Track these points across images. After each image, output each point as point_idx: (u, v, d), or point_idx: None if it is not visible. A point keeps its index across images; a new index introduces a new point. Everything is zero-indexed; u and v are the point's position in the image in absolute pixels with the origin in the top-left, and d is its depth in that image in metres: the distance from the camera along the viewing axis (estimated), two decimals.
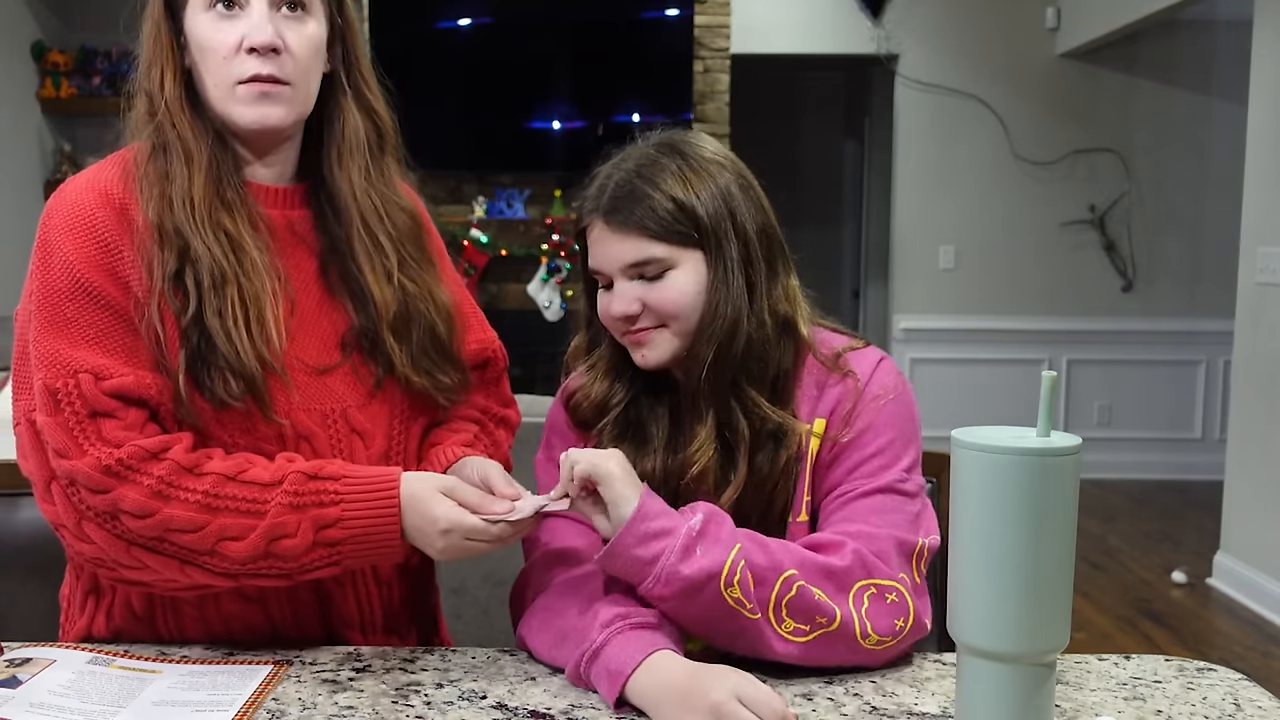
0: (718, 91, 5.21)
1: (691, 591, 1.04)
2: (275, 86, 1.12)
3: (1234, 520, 4.03)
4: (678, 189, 1.15)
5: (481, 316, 1.38)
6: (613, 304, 1.18)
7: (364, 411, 1.20)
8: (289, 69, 1.13)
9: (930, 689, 1.08)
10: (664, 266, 1.16)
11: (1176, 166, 5.69)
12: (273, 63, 1.12)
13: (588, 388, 1.24)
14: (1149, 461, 5.75)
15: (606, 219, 1.16)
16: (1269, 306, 3.81)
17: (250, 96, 1.12)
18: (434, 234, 1.33)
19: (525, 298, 5.07)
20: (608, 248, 1.17)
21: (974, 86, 5.59)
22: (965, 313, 5.69)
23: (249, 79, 1.12)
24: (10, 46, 5.11)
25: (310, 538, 1.06)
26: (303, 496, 1.07)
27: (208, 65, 1.13)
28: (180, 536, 1.05)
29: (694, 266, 1.16)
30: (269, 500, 1.06)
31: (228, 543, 1.06)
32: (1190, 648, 3.47)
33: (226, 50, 1.12)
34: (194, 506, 1.05)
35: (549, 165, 5.12)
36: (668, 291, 1.16)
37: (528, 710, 1.02)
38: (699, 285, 1.16)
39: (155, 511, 1.05)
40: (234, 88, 1.12)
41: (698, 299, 1.16)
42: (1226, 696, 1.07)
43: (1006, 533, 0.87)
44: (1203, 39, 5.58)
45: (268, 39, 1.11)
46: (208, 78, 1.14)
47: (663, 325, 1.17)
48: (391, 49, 4.98)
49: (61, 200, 1.13)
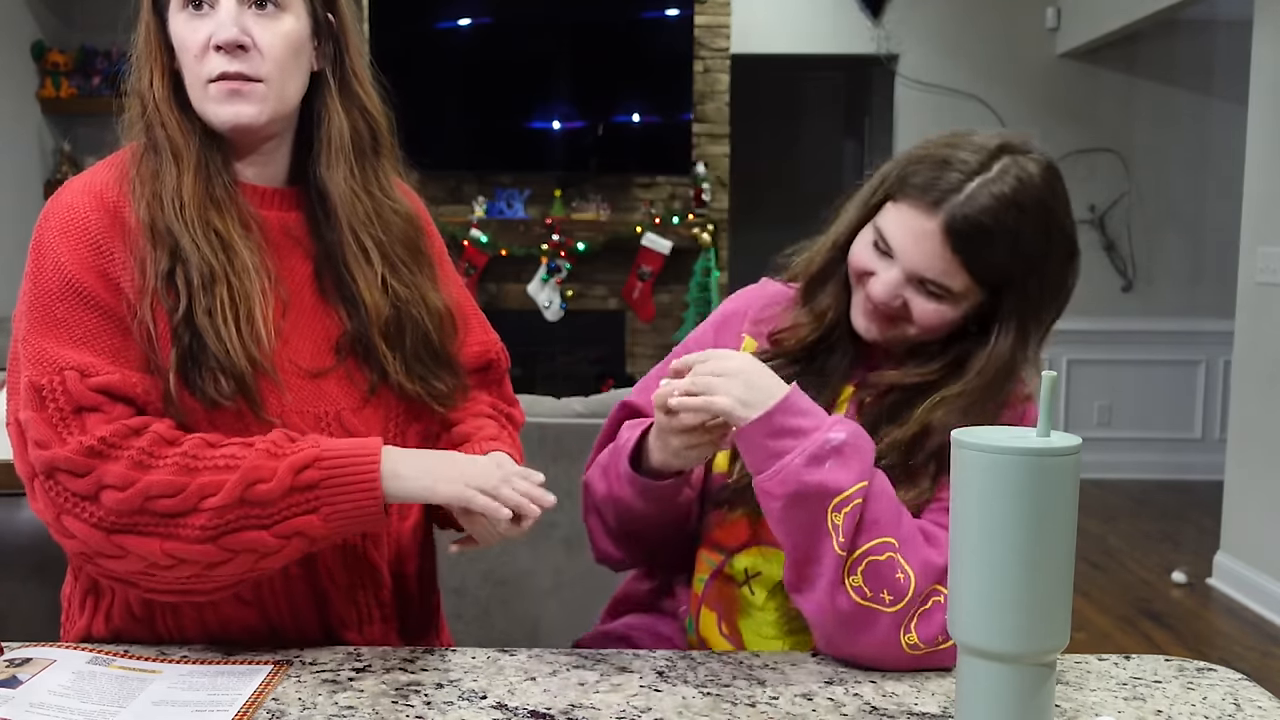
0: (718, 91, 5.21)
1: (800, 499, 1.05)
2: (245, 84, 1.11)
3: (1234, 520, 4.03)
4: (1023, 247, 1.11)
5: (483, 318, 1.38)
6: (877, 286, 1.15)
7: (358, 415, 1.19)
8: (259, 66, 1.12)
9: (930, 689, 1.08)
10: (948, 293, 1.14)
11: (1176, 166, 5.69)
12: (240, 60, 1.11)
13: (801, 330, 1.24)
14: (1149, 461, 5.75)
15: (946, 231, 1.10)
16: (1269, 306, 3.81)
17: (220, 95, 1.11)
18: (434, 236, 1.33)
19: (525, 298, 5.07)
20: (923, 247, 1.11)
21: (974, 86, 5.59)
22: None
23: (217, 77, 1.11)
24: (10, 46, 5.11)
25: (288, 481, 1.05)
26: (281, 447, 1.07)
27: (185, 64, 1.13)
28: (160, 502, 1.04)
29: (972, 302, 1.15)
30: (246, 456, 1.06)
31: (206, 499, 1.04)
32: (1190, 648, 3.47)
33: (197, 49, 1.11)
34: (173, 469, 1.04)
35: (549, 165, 5.13)
36: (929, 315, 1.14)
37: (528, 710, 1.02)
38: (964, 312, 1.15)
39: (135, 480, 1.04)
40: (206, 86, 1.12)
41: (950, 327, 1.16)
42: (1226, 696, 1.07)
43: (1006, 533, 0.87)
44: (1203, 39, 5.58)
45: (231, 36, 1.10)
46: (187, 77, 1.14)
47: (902, 319, 1.16)
48: (391, 49, 4.98)
49: (57, 203, 1.13)
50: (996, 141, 1.14)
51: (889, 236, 1.14)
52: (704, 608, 1.28)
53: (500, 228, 5.03)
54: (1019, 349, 1.16)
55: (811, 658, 1.16)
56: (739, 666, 1.13)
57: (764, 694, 1.06)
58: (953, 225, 1.10)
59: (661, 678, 1.09)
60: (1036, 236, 1.12)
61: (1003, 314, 1.15)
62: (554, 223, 5.03)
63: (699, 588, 1.29)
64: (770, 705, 1.03)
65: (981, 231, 1.09)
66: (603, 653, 1.16)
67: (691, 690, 1.06)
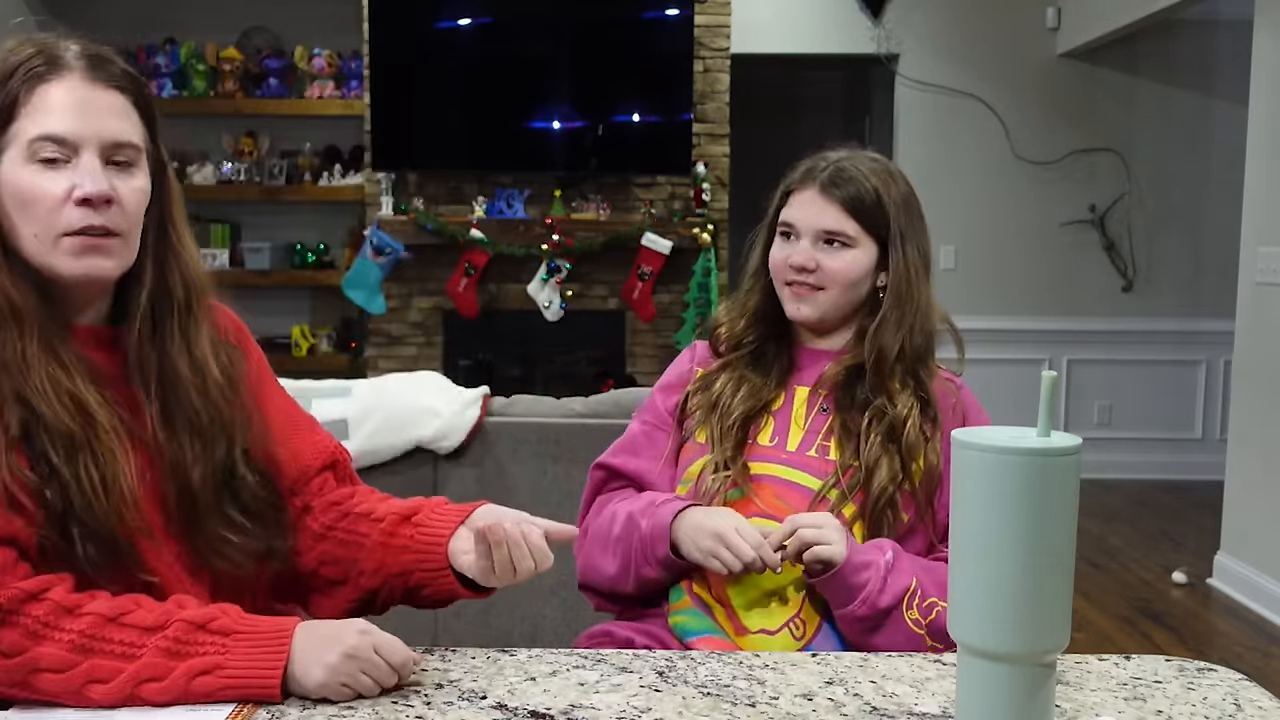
0: (718, 91, 5.20)
1: (883, 615, 1.31)
2: (106, 239, 1.08)
3: (1234, 520, 4.02)
4: (884, 194, 1.43)
5: (313, 420, 1.34)
6: (795, 254, 1.43)
7: None
8: (119, 221, 1.09)
9: (930, 689, 1.08)
10: (849, 240, 1.42)
11: (1176, 166, 5.68)
12: (104, 214, 1.07)
13: (732, 324, 1.52)
14: (1149, 461, 5.74)
15: (824, 189, 1.43)
16: (1269, 306, 3.81)
17: (76, 248, 1.07)
18: (250, 353, 1.28)
19: (525, 298, 5.07)
20: (814, 208, 1.44)
21: (974, 86, 5.59)
22: (965, 313, 5.62)
23: (77, 230, 1.07)
24: None
25: (180, 685, 1.00)
26: (183, 645, 1.01)
27: (29, 215, 1.07)
28: (44, 677, 0.99)
29: (869, 253, 1.44)
30: (145, 645, 1.01)
31: (94, 685, 1.00)
32: (1190, 648, 3.47)
33: (53, 201, 1.07)
34: (66, 646, 1.00)
35: (549, 165, 5.12)
36: (841, 266, 1.43)
37: (528, 710, 1.02)
38: (866, 269, 1.43)
39: (24, 650, 0.99)
40: (59, 239, 1.07)
41: (860, 280, 1.44)
42: (1227, 697, 1.07)
43: (1006, 533, 0.87)
44: (1203, 39, 5.57)
45: (103, 190, 1.07)
46: (26, 228, 1.08)
47: (820, 288, 1.43)
48: (391, 49, 4.98)
49: None
50: (851, 147, 1.50)
51: (790, 220, 1.46)
52: (695, 575, 1.39)
53: (500, 228, 5.03)
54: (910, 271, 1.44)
55: (811, 658, 1.16)
56: (739, 666, 1.13)
57: (764, 694, 1.06)
58: (827, 183, 1.44)
59: (661, 678, 1.09)
60: (890, 186, 1.44)
61: (891, 259, 1.44)
62: (554, 223, 5.02)
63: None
64: (770, 705, 1.03)
65: (849, 179, 1.43)
66: (603, 653, 1.16)
67: (691, 690, 1.06)
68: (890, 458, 1.38)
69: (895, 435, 1.40)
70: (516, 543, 1.11)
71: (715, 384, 1.47)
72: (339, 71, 5.35)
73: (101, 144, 1.08)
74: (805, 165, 1.47)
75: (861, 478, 1.38)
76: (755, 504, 1.39)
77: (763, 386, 1.45)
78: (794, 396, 1.46)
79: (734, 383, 1.45)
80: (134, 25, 5.30)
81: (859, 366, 1.44)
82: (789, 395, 1.46)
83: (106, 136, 1.09)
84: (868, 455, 1.38)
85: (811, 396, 1.45)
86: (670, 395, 1.53)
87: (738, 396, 1.43)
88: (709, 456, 1.42)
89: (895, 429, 1.40)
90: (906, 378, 1.43)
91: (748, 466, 1.41)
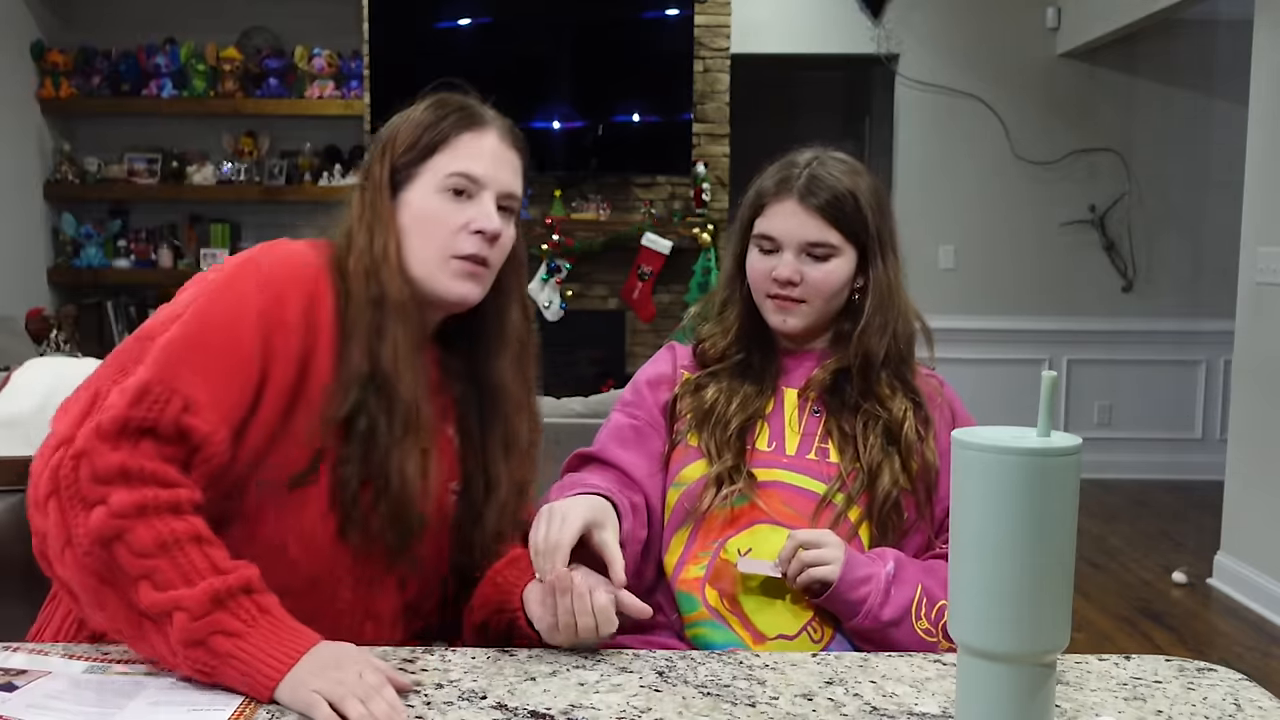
0: (718, 91, 5.21)
1: (890, 626, 1.31)
2: (482, 269, 1.25)
3: (1234, 520, 4.02)
4: (860, 198, 1.42)
5: None
6: (780, 268, 1.42)
7: None
8: (496, 256, 1.26)
9: (930, 689, 1.08)
10: (831, 250, 1.42)
11: (1176, 166, 5.69)
12: (489, 247, 1.24)
13: (716, 340, 1.50)
14: (1149, 461, 5.75)
15: (802, 199, 1.41)
16: (1269, 306, 3.81)
17: (461, 271, 1.23)
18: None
19: None
20: (795, 220, 1.42)
21: (974, 86, 5.59)
22: (965, 313, 5.68)
23: (467, 255, 1.23)
24: (10, 46, 5.11)
25: (203, 634, 1.02)
26: (229, 598, 1.03)
27: (427, 235, 1.23)
28: (122, 551, 1.02)
29: (849, 260, 1.44)
30: (204, 580, 1.03)
31: (145, 583, 1.02)
32: (1190, 648, 3.47)
33: (454, 227, 1.23)
34: (154, 538, 1.03)
35: (549, 165, 5.12)
36: (824, 278, 1.42)
37: (528, 710, 1.02)
38: (847, 276, 1.44)
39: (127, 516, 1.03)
40: (449, 260, 1.23)
41: (843, 288, 1.44)
42: (1227, 697, 1.07)
43: (1006, 533, 0.86)
44: (1203, 39, 5.58)
45: (497, 227, 1.24)
46: (420, 246, 1.23)
47: (803, 301, 1.43)
48: (391, 49, 4.98)
49: (282, 249, 1.20)
50: (815, 147, 1.48)
51: (770, 233, 1.44)
52: (708, 587, 1.37)
53: None
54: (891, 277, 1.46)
55: (811, 658, 1.16)
56: (739, 666, 1.13)
57: (764, 694, 1.06)
58: (805, 193, 1.42)
59: (661, 678, 1.09)
60: (866, 190, 1.43)
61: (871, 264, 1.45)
62: (554, 223, 5.02)
63: (699, 573, 1.37)
64: (770, 705, 1.03)
65: (825, 188, 1.42)
66: (603, 653, 1.16)
67: (691, 690, 1.06)
68: (891, 460, 1.38)
69: (894, 437, 1.40)
70: (580, 595, 1.13)
71: (706, 392, 1.46)
72: (339, 71, 5.35)
73: (500, 191, 1.26)
74: (777, 174, 1.45)
75: (865, 481, 1.38)
76: (763, 510, 1.38)
77: (755, 396, 1.45)
78: (784, 400, 1.46)
79: (725, 394, 1.45)
80: (134, 25, 5.31)
81: (845, 370, 1.44)
82: (778, 399, 1.46)
83: (504, 186, 1.27)
84: (869, 458, 1.38)
85: (800, 399, 1.45)
86: (659, 392, 1.51)
87: (732, 406, 1.43)
88: (708, 467, 1.40)
89: (893, 431, 1.40)
90: (894, 380, 1.44)
91: (753, 475, 1.39)
